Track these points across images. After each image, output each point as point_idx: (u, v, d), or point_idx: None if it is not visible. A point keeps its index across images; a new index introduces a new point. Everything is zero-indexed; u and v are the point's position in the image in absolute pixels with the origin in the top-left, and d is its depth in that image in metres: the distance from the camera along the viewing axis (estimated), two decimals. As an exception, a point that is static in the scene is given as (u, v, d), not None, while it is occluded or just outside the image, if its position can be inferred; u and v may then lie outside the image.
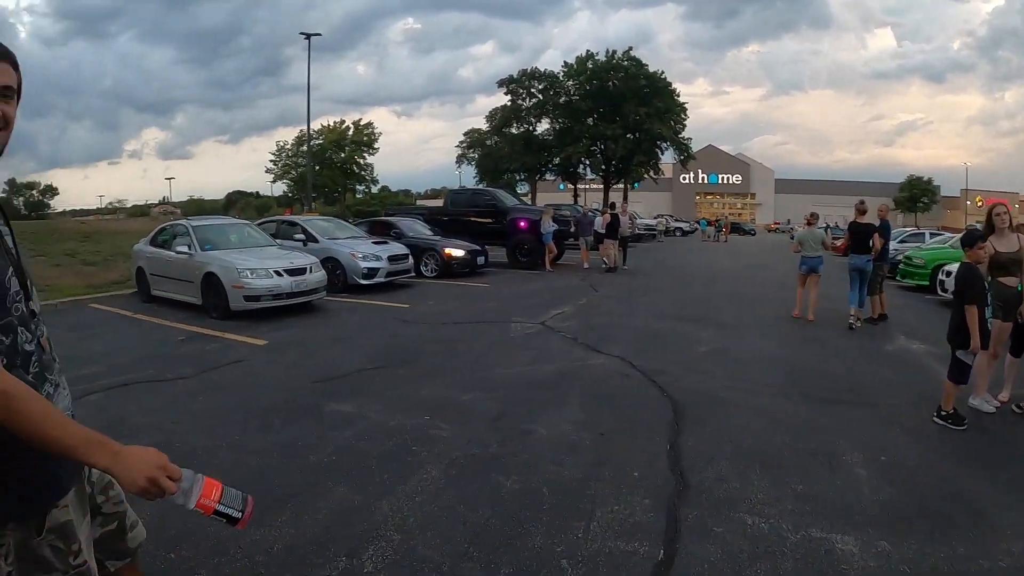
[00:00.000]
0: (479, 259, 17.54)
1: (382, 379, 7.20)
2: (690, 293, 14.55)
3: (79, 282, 16.03)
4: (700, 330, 9.80)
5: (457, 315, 11.30)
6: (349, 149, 65.50)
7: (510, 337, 9.33)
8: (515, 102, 58.35)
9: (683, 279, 17.77)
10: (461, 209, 20.61)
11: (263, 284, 11.09)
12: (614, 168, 56.96)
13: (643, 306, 12.34)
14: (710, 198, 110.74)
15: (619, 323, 10.37)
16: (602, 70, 54.55)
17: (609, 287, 15.21)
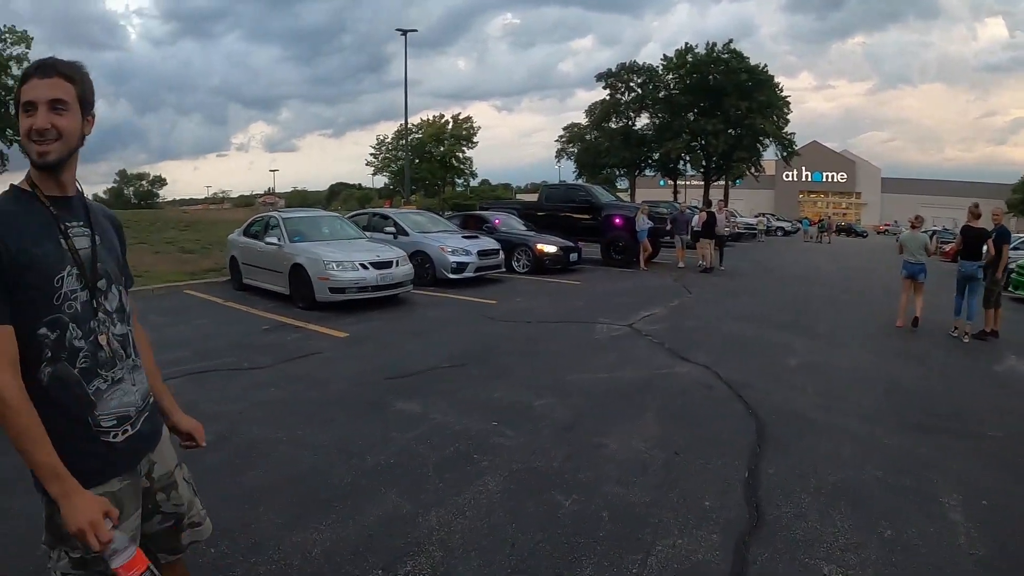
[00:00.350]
0: (572, 256, 17.12)
1: (456, 378, 6.97)
2: (787, 297, 13.70)
3: (176, 269, 16.80)
4: (794, 339, 9.08)
5: (543, 313, 10.96)
6: (448, 143, 66.02)
7: (595, 339, 8.92)
8: (614, 96, 57.56)
9: (781, 282, 16.81)
10: (555, 204, 20.26)
11: (348, 276, 11.11)
12: (714, 164, 55.31)
13: (736, 310, 11.65)
14: (813, 197, 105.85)
15: (709, 328, 9.78)
16: (702, 63, 52.86)
17: (703, 288, 14.53)
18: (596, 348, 8.38)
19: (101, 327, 1.86)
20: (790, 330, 9.74)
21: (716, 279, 16.54)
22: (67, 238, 1.81)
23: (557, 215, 19.82)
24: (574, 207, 19.67)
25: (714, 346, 8.48)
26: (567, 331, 9.47)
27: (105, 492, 1.81)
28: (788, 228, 55.89)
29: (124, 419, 1.90)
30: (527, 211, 20.71)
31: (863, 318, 11.20)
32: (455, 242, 14.49)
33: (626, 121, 58.21)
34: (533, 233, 17.57)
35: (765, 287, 15.47)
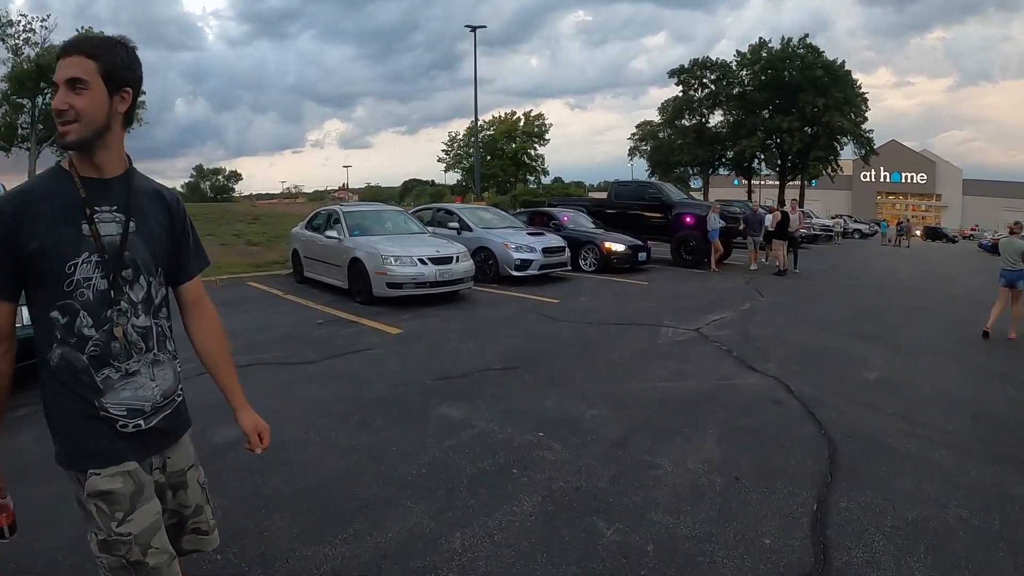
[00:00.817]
0: (640, 255, 16.51)
1: (505, 382, 6.60)
2: (864, 304, 12.78)
3: (241, 261, 17.22)
4: (872, 351, 8.31)
5: (606, 314, 10.46)
6: (520, 140, 65.69)
7: (658, 344, 8.40)
8: (687, 93, 56.21)
9: (858, 287, 15.82)
10: (625, 202, 19.64)
11: (406, 272, 10.94)
12: (790, 163, 53.55)
13: (810, 316, 10.89)
14: (892, 198, 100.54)
15: (781, 335, 9.06)
16: (777, 59, 51.18)
17: (776, 292, 13.72)
18: (658, 354, 7.86)
19: (120, 318, 1.83)
20: (868, 340, 8.96)
21: (790, 282, 15.69)
22: (92, 223, 1.77)
23: (626, 213, 19.22)
24: (644, 205, 19.03)
25: (785, 355, 7.83)
26: (629, 335, 8.96)
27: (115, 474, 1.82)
28: (866, 230, 53.57)
29: (136, 412, 1.87)
30: (596, 208, 20.15)
31: (948, 329, 10.26)
32: (520, 239, 14.12)
33: (699, 118, 56.83)
34: (601, 231, 17.03)
35: (841, 292, 14.55)
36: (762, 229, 18.01)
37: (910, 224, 48.24)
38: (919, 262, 27.18)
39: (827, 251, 30.70)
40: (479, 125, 66.65)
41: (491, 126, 67.04)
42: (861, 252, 32.46)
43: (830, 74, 49.42)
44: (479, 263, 14.01)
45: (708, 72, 55.38)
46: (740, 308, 11.27)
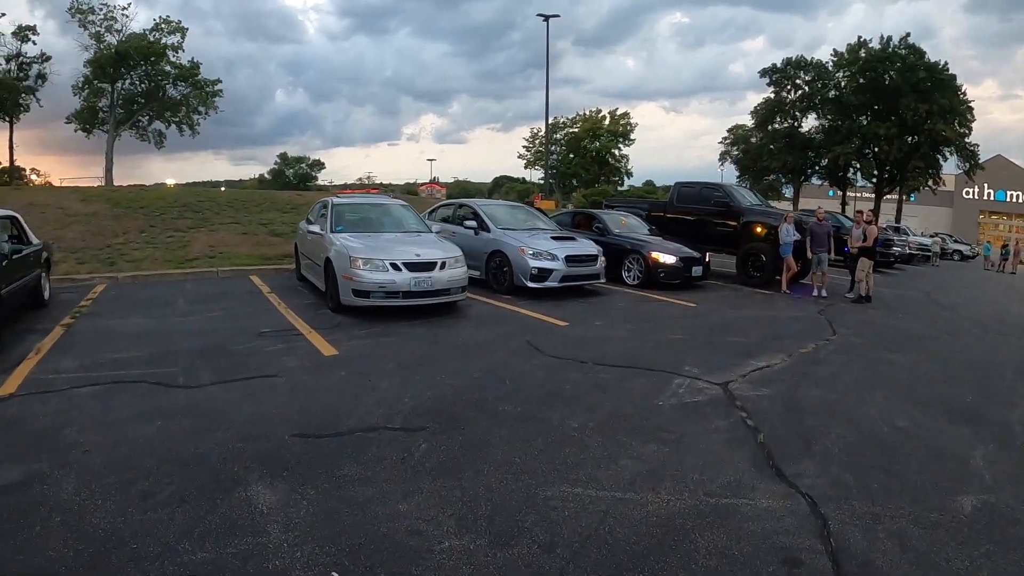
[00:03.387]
0: (695, 269, 13.77)
1: (379, 454, 4.55)
2: (966, 355, 9.52)
3: (254, 252, 16.27)
4: (973, 444, 5.41)
5: (615, 349, 8.00)
6: (604, 139, 62.81)
7: (655, 406, 5.88)
8: (779, 94, 51.90)
9: (958, 326, 12.26)
10: (687, 206, 16.68)
11: (374, 278, 9.11)
12: (887, 174, 48.71)
13: (891, 371, 7.88)
14: (995, 218, 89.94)
15: (842, 404, 6.26)
16: (876, 60, 46.33)
17: (853, 329, 10.62)
18: (644, 427, 5.35)
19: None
20: (971, 424, 5.97)
21: (873, 316, 12.36)
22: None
23: (688, 219, 16.39)
24: (708, 211, 16.06)
25: (839, 447, 5.11)
26: (624, 386, 6.45)
27: None
28: (967, 252, 47.74)
29: None
30: (654, 213, 17.47)
31: None
32: (540, 244, 11.73)
33: (791, 122, 52.38)
34: (651, 239, 14.32)
35: (937, 333, 11.14)
36: (830, 242, 14.56)
37: (1018, 247, 42.61)
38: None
39: (924, 273, 26.81)
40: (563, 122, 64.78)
41: (575, 123, 64.51)
42: (961, 277, 28.26)
43: (933, 78, 44.54)
44: (493, 269, 12.07)
45: (802, 73, 50.83)
46: (799, 351, 8.43)
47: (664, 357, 7.63)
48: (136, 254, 15.04)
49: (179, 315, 9.48)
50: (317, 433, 4.91)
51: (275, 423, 5.08)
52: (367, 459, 4.45)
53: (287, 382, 6.22)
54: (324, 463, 4.36)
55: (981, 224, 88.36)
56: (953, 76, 46.01)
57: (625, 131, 63.58)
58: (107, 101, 42.52)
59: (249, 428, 4.97)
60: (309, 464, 4.34)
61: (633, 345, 8.26)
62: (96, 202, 20.31)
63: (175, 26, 42.98)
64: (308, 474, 4.18)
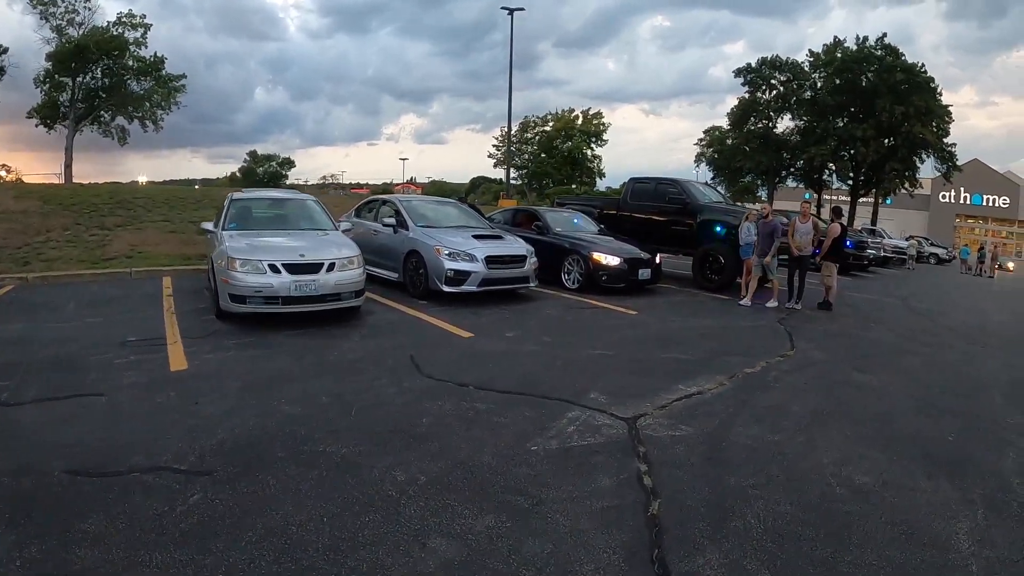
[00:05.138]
0: (642, 272, 12.21)
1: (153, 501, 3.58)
2: (945, 375, 7.94)
3: (176, 251, 14.96)
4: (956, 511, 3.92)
5: (511, 369, 6.48)
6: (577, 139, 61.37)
7: (525, 452, 4.37)
8: (753, 94, 50.63)
9: (935, 338, 10.65)
10: (641, 204, 15.11)
11: (251, 282, 7.74)
12: (863, 176, 47.75)
13: (854, 402, 6.23)
14: (971, 222, 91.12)
15: (782, 454, 4.66)
16: (852, 61, 45.38)
17: (816, 341, 9.09)
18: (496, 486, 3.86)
19: None
20: (954, 477, 4.47)
21: (842, 326, 10.74)
22: None
23: (642, 217, 14.88)
24: (664, 208, 14.49)
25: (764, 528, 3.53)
26: (500, 420, 4.94)
27: None
28: (943, 255, 46.18)
29: None
30: (606, 211, 15.92)
31: None
32: (459, 243, 10.17)
33: (766, 122, 51.11)
34: (593, 238, 12.77)
35: (914, 348, 9.51)
36: (773, 244, 12.11)
37: (995, 251, 41.57)
38: (1008, 299, 22.01)
39: (899, 277, 25.52)
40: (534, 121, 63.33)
41: (547, 123, 63.03)
42: (939, 281, 27.02)
43: (910, 80, 43.62)
44: (410, 271, 10.59)
45: (778, 73, 49.68)
46: (745, 371, 6.91)
47: (570, 380, 6.08)
48: (53, 253, 13.58)
49: (58, 320, 8.25)
50: (93, 470, 3.91)
51: (58, 454, 4.11)
52: (121, 510, 3.42)
53: (108, 403, 5.14)
54: (72, 511, 3.41)
55: (957, 228, 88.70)
56: (931, 78, 45.09)
57: (598, 131, 62.09)
58: (68, 96, 41.00)
59: (30, 457, 4.06)
60: (57, 510, 3.41)
61: (539, 364, 6.70)
62: (29, 199, 18.91)
63: (138, 20, 41.70)
64: (47, 524, 3.26)
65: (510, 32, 32.37)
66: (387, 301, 9.83)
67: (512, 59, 32.70)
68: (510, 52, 32.97)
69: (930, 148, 45.78)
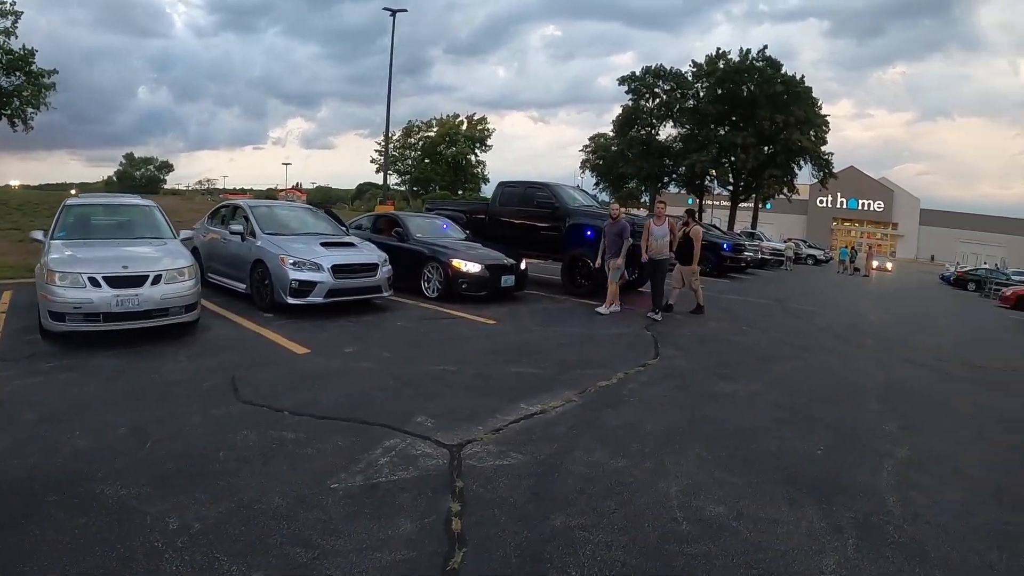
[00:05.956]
0: (504, 278, 11.80)
1: None
2: (818, 380, 7.92)
3: (21, 261, 13.67)
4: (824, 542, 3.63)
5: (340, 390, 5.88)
6: (461, 144, 61.12)
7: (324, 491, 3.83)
8: (637, 102, 52.01)
9: (810, 340, 10.90)
10: (510, 208, 14.77)
11: (69, 296, 6.89)
12: (743, 182, 49.93)
13: (716, 417, 5.94)
14: (847, 224, 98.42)
15: (624, 484, 4.23)
16: (734, 71, 47.61)
17: (683, 348, 8.95)
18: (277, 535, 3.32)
19: None
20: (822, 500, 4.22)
21: (713, 330, 10.87)
22: None
23: (511, 222, 14.55)
24: (533, 213, 14.23)
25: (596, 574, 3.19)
26: (306, 452, 4.35)
27: None
28: (820, 256, 49.24)
29: None
30: (475, 216, 15.51)
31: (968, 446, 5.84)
32: (305, 251, 9.46)
33: (649, 130, 52.63)
34: (455, 245, 12.27)
35: (787, 352, 9.67)
36: (623, 246, 11.50)
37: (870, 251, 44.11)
38: (885, 299, 23.01)
39: (776, 279, 26.38)
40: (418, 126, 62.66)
41: (430, 128, 62.50)
42: (816, 282, 28.14)
43: (790, 90, 46.18)
44: (256, 282, 9.76)
45: (661, 82, 51.31)
46: (600, 384, 6.59)
47: (400, 401, 5.55)
48: None
49: None
50: None
51: None
52: None
53: None
54: None
55: (834, 230, 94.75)
56: (809, 88, 47.89)
57: (482, 136, 62.15)
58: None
59: None
60: None
61: (370, 383, 6.12)
62: None
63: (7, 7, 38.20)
64: None
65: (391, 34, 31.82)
66: (231, 315, 9.00)
67: (392, 60, 32.20)
68: (390, 54, 32.35)
69: (808, 155, 48.42)
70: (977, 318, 20.39)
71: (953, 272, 42.93)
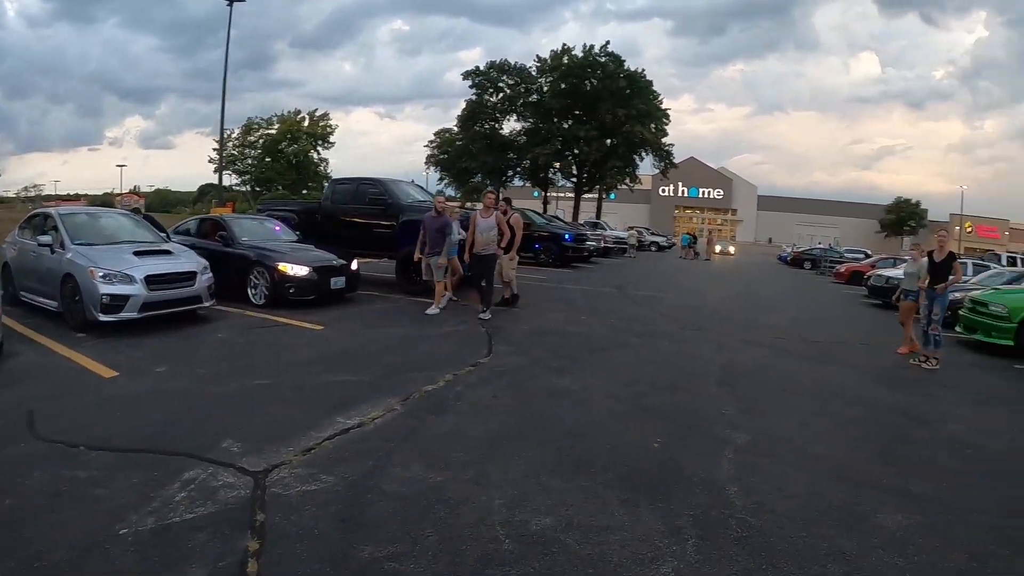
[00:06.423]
0: (334, 280, 11.49)
1: None
2: (656, 366, 8.28)
3: None
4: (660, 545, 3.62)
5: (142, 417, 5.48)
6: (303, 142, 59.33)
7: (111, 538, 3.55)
8: (481, 96, 52.64)
9: (650, 326, 11.43)
10: (342, 206, 14.51)
11: None
12: (587, 174, 51.83)
13: (546, 414, 5.98)
14: (689, 212, 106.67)
15: (440, 499, 4.12)
16: (578, 66, 49.33)
17: (518, 344, 9.07)
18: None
19: None
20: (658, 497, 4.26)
21: (551, 322, 11.16)
22: None
23: (342, 220, 14.27)
24: (365, 210, 14.00)
25: None
26: (98, 492, 4.02)
27: None
28: (663, 243, 52.85)
29: None
30: (308, 215, 15.13)
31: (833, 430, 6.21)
32: (116, 262, 8.87)
33: (492, 124, 53.42)
34: (283, 247, 11.85)
35: (627, 339, 10.02)
36: (446, 241, 11.19)
37: (711, 236, 47.76)
38: (725, 281, 24.36)
39: (620, 266, 27.46)
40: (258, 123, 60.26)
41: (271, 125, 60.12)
42: (658, 268, 29.47)
43: (633, 85, 48.18)
44: (67, 299, 9.00)
45: (506, 76, 52.20)
46: (427, 388, 6.57)
47: (208, 424, 5.31)
48: None
49: None
50: None
51: None
52: None
53: None
54: None
55: (676, 218, 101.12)
56: (650, 83, 50.44)
57: (324, 133, 60.51)
58: None
59: None
60: None
61: (180, 406, 5.82)
62: None
63: None
64: None
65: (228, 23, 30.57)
66: (40, 338, 8.23)
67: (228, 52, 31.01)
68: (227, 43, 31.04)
69: (649, 147, 50.73)
70: (814, 295, 21.97)
71: (790, 253, 46.58)
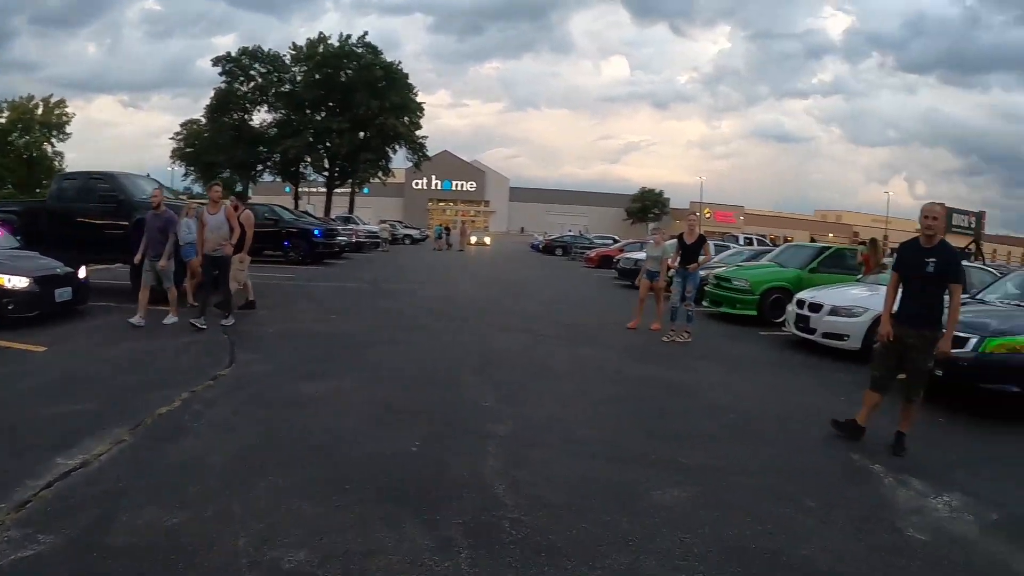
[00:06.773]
0: (59, 292, 9.71)
1: None
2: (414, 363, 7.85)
3: None
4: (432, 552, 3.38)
5: None
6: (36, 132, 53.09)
7: None
8: (231, 84, 49.67)
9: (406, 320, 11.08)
10: (69, 205, 12.53)
11: None
12: (338, 168, 51.33)
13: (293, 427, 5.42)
14: (443, 204, 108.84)
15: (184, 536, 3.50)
16: (334, 56, 48.48)
17: (264, 350, 8.29)
18: None
19: None
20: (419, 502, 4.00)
21: (299, 323, 10.43)
22: None
23: (71, 221, 12.29)
24: (95, 209, 12.25)
25: None
26: None
27: None
28: (416, 236, 54.04)
29: None
30: (33, 215, 12.93)
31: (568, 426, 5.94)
32: None
33: (242, 114, 50.68)
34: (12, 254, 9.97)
35: (382, 337, 9.56)
36: (168, 242, 10.06)
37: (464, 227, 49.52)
38: (479, 270, 24.63)
39: (372, 260, 27.22)
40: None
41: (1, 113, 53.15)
42: (411, 260, 29.48)
43: (389, 76, 48.04)
44: None
45: (258, 64, 49.64)
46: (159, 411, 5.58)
47: None
48: None
49: None
50: None
51: None
52: None
53: None
54: None
55: (430, 211, 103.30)
56: (406, 75, 50.22)
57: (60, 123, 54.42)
58: None
59: None
60: None
61: None
62: None
63: None
64: None
65: None
66: None
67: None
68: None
69: (402, 140, 50.78)
70: (567, 280, 22.80)
71: (542, 241, 48.87)
